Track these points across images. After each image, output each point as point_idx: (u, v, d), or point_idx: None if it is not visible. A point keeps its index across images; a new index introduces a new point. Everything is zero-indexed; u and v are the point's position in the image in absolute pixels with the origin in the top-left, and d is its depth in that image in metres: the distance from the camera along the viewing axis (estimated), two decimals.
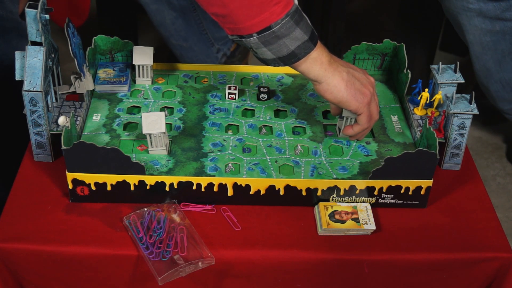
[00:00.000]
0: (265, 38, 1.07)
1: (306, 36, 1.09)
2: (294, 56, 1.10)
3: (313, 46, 1.11)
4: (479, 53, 1.81)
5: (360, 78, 1.17)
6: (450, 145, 1.27)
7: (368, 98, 1.16)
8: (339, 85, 1.15)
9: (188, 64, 1.46)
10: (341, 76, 1.14)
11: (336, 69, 1.14)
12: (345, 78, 1.15)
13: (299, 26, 1.08)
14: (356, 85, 1.15)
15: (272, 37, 1.07)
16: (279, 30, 1.06)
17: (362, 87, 1.16)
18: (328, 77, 1.14)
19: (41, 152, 1.25)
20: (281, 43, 1.08)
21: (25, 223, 1.15)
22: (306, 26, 1.09)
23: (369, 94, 1.17)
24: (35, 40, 1.19)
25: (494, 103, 1.97)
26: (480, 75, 1.88)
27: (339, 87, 1.15)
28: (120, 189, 1.17)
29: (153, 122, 1.19)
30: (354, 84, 1.15)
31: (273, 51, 1.09)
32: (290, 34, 1.07)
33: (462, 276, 1.17)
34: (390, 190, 1.19)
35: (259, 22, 1.05)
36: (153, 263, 1.10)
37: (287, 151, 1.25)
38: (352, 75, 1.16)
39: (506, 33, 1.73)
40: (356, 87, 1.15)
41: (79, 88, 1.30)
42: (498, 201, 2.10)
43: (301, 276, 1.15)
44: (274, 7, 1.04)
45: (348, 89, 1.15)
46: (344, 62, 1.18)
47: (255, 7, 1.04)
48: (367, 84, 1.17)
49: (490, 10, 1.68)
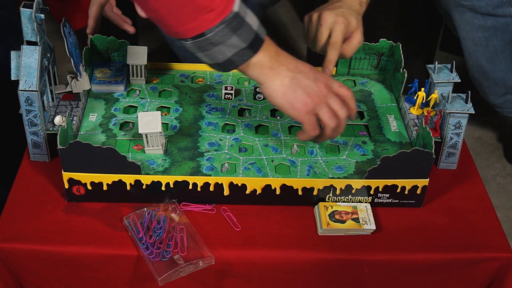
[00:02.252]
0: (199, 44, 1.05)
1: (244, 44, 1.07)
2: (231, 63, 1.09)
3: (253, 53, 1.09)
4: (471, 49, 1.82)
5: (305, 86, 1.13)
6: (446, 144, 1.28)
7: (308, 108, 1.13)
8: (277, 91, 1.13)
9: (184, 64, 1.47)
10: (281, 82, 1.12)
11: (278, 74, 1.12)
12: (286, 85, 1.12)
13: (236, 34, 1.05)
14: (297, 93, 1.12)
15: (207, 44, 1.05)
16: (214, 37, 1.04)
17: (304, 96, 1.12)
18: (267, 81, 1.13)
19: (37, 152, 1.26)
20: (217, 50, 1.06)
21: (25, 223, 1.17)
22: (247, 33, 1.06)
23: (311, 104, 1.13)
24: (30, 39, 1.21)
25: (485, 97, 1.98)
26: (473, 71, 1.90)
27: (277, 93, 1.13)
28: (116, 188, 1.19)
29: (149, 121, 1.20)
30: (295, 92, 1.12)
31: (209, 57, 1.08)
32: (226, 42, 1.05)
33: (462, 276, 1.19)
34: (386, 190, 1.21)
35: (192, 28, 1.03)
36: (153, 263, 1.12)
37: (283, 150, 1.26)
38: (296, 82, 1.12)
39: (497, 29, 1.75)
40: (296, 96, 1.12)
41: (75, 88, 1.31)
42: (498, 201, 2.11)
43: (301, 276, 1.17)
44: (206, 14, 1.02)
45: (286, 96, 1.12)
46: (296, 66, 1.14)
47: (185, 14, 1.02)
48: (313, 94, 1.13)
49: (482, 6, 1.70)
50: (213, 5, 1.01)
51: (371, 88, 1.44)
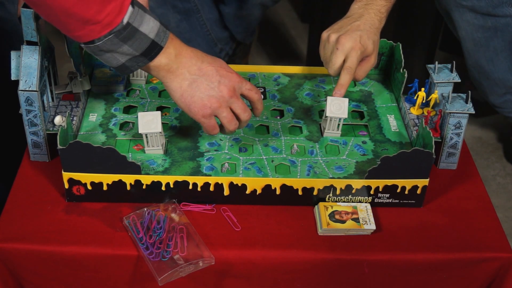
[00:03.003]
0: (91, 49, 1.07)
1: (136, 52, 1.08)
2: (126, 68, 1.11)
3: (148, 60, 1.10)
4: (471, 49, 1.83)
5: (205, 90, 1.15)
6: (446, 144, 1.28)
7: (206, 111, 1.15)
8: (175, 92, 1.15)
9: None
10: (180, 84, 1.14)
11: (177, 77, 1.14)
12: (184, 87, 1.14)
13: (127, 44, 1.07)
14: (194, 97, 1.15)
15: (98, 50, 1.07)
16: (103, 45, 1.06)
17: (202, 100, 1.15)
18: (166, 82, 1.15)
19: (37, 152, 1.27)
20: (109, 56, 1.08)
21: (25, 223, 1.17)
22: (140, 42, 1.08)
23: (209, 109, 1.15)
24: (30, 39, 1.21)
25: (485, 97, 1.99)
26: (473, 71, 1.90)
27: (174, 94, 1.15)
28: (116, 188, 1.19)
29: (149, 121, 1.20)
30: (192, 96, 1.14)
31: (104, 61, 1.10)
32: (117, 50, 1.07)
33: (462, 276, 1.19)
34: (386, 190, 1.21)
35: (82, 35, 1.05)
36: (153, 263, 1.12)
37: (283, 150, 1.26)
38: (196, 85, 1.14)
39: (498, 29, 1.75)
40: (193, 99, 1.15)
41: (75, 88, 1.31)
42: (498, 201, 2.11)
43: (301, 276, 1.17)
44: (92, 26, 1.03)
45: (183, 99, 1.15)
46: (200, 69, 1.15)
47: (70, 24, 1.03)
48: (211, 98, 1.15)
49: (482, 6, 1.70)
50: (97, 18, 1.02)
51: (371, 88, 1.44)
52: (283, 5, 2.89)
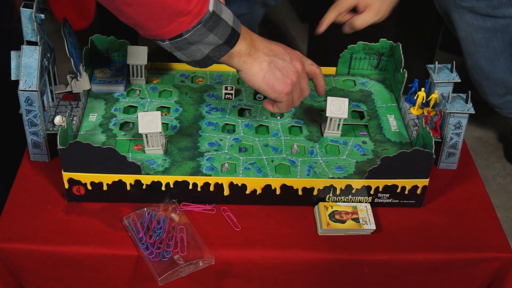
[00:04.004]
0: (177, 44, 1.08)
1: (220, 40, 1.09)
2: (209, 59, 1.12)
3: (229, 48, 1.12)
4: (471, 50, 1.83)
5: (283, 68, 1.18)
6: (446, 144, 1.28)
7: (288, 88, 1.18)
8: (257, 76, 1.17)
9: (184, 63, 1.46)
10: (260, 67, 1.16)
11: (256, 60, 1.16)
12: (264, 69, 1.16)
13: (213, 32, 1.08)
14: (276, 75, 1.17)
15: (184, 43, 1.08)
16: (191, 37, 1.07)
17: (284, 77, 1.18)
18: (246, 68, 1.16)
19: (37, 152, 1.27)
20: (194, 48, 1.09)
21: (25, 223, 1.17)
22: (223, 30, 1.09)
23: (290, 85, 1.18)
24: (30, 39, 1.21)
25: (485, 98, 1.99)
26: (472, 72, 1.90)
27: (256, 78, 1.17)
28: (116, 188, 1.19)
29: (149, 121, 1.21)
30: (274, 75, 1.17)
31: (187, 55, 1.11)
32: (203, 40, 1.08)
33: (462, 276, 1.20)
34: (386, 190, 1.21)
35: (170, 31, 1.06)
36: (153, 263, 1.12)
37: (283, 150, 1.27)
38: (274, 65, 1.17)
39: (497, 30, 1.75)
40: (276, 78, 1.17)
41: (75, 88, 1.31)
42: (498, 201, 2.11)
43: (301, 276, 1.17)
44: (183, 17, 1.04)
45: (266, 80, 1.17)
46: (270, 49, 1.18)
47: (163, 19, 1.04)
48: (291, 74, 1.18)
49: (481, 7, 1.70)
50: (188, 8, 1.03)
51: (371, 88, 1.44)
52: (283, 5, 2.89)
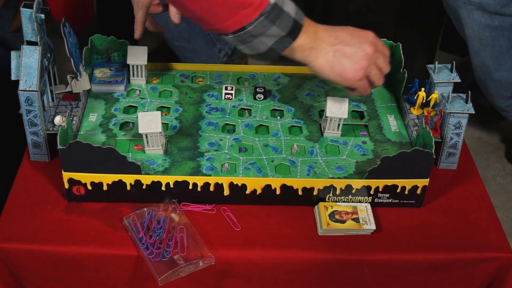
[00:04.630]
0: (240, 37, 1.08)
1: (283, 32, 1.09)
2: (273, 51, 1.12)
3: (292, 40, 1.11)
4: (478, 48, 1.82)
5: (350, 54, 1.15)
6: (446, 144, 1.28)
7: (360, 74, 1.16)
8: (323, 68, 1.15)
9: (185, 64, 1.47)
10: (325, 58, 1.15)
11: (320, 52, 1.14)
12: (330, 60, 1.15)
13: (275, 24, 1.08)
14: (344, 64, 1.15)
15: (248, 36, 1.08)
16: (254, 29, 1.07)
17: (353, 64, 1.15)
18: (312, 61, 1.15)
19: (37, 152, 1.27)
20: (258, 41, 1.09)
21: (25, 223, 1.18)
22: (286, 22, 1.09)
23: (361, 70, 1.16)
24: (30, 39, 1.21)
25: (491, 100, 1.98)
26: (478, 71, 1.90)
27: (324, 70, 1.16)
28: (116, 188, 1.19)
29: (149, 121, 1.21)
30: (341, 64, 1.15)
31: (251, 48, 1.11)
32: (266, 32, 1.08)
33: (462, 276, 1.20)
34: (386, 190, 1.21)
35: (232, 24, 1.06)
36: (153, 264, 1.12)
37: (283, 150, 1.27)
38: (340, 53, 1.15)
39: (504, 28, 1.75)
40: (344, 67, 1.15)
41: (75, 88, 1.31)
42: (498, 201, 2.11)
43: (301, 276, 1.17)
44: (245, 9, 1.05)
45: (334, 70, 1.15)
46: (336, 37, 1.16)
47: (225, 12, 1.05)
48: (360, 60, 1.16)
49: (490, 4, 1.70)
50: (250, 0, 1.04)
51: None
52: None
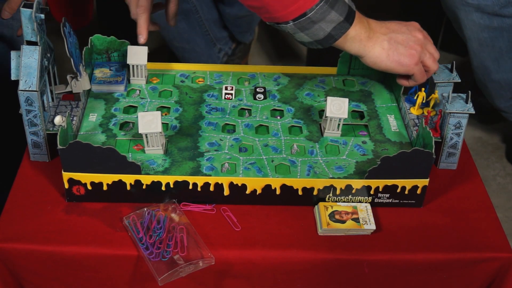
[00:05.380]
0: (301, 24, 1.12)
1: (341, 17, 1.13)
2: (331, 37, 1.15)
3: (349, 25, 1.15)
4: (477, 49, 1.82)
5: (403, 41, 1.20)
6: (446, 144, 1.28)
7: (415, 58, 1.21)
8: (381, 57, 1.20)
9: (185, 64, 1.47)
10: (381, 47, 1.19)
11: (376, 42, 1.19)
12: (386, 48, 1.19)
13: (334, 9, 1.12)
14: (399, 50, 1.20)
15: (308, 23, 1.12)
16: (314, 15, 1.11)
17: (407, 49, 1.20)
18: (369, 51, 1.20)
19: (37, 152, 1.27)
20: (317, 27, 1.13)
21: (25, 223, 1.17)
22: (342, 7, 1.13)
23: (416, 54, 1.21)
24: (30, 39, 1.21)
25: (491, 101, 1.98)
26: (478, 73, 1.89)
27: (381, 58, 1.20)
28: (116, 188, 1.19)
29: (149, 121, 1.21)
30: (397, 50, 1.20)
31: (310, 35, 1.14)
32: (326, 18, 1.12)
33: (462, 276, 1.19)
34: (386, 190, 1.21)
35: (294, 10, 1.10)
36: (153, 264, 1.12)
37: (283, 150, 1.27)
38: (394, 41, 1.20)
39: (504, 30, 1.74)
40: (400, 53, 1.20)
41: (75, 88, 1.31)
42: (498, 201, 2.11)
43: (301, 276, 1.17)
44: None
45: (391, 58, 1.20)
46: (387, 27, 1.21)
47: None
48: (414, 44, 1.21)
49: (488, 5, 1.70)
50: None
51: (371, 88, 1.44)
52: None
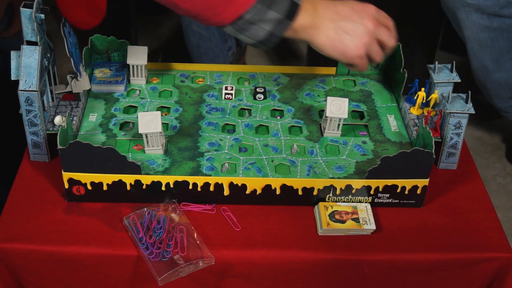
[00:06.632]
0: (238, 27, 1.09)
1: (281, 15, 1.09)
2: (272, 36, 1.12)
3: (290, 21, 1.11)
4: (477, 50, 1.82)
5: (352, 30, 1.15)
6: (446, 144, 1.28)
7: (361, 51, 1.16)
8: (325, 45, 1.16)
9: (185, 63, 1.47)
10: (326, 35, 1.15)
11: (321, 29, 1.14)
12: (332, 37, 1.15)
13: (271, 8, 1.08)
14: (344, 41, 1.15)
15: (246, 24, 1.09)
16: (252, 17, 1.08)
17: (353, 40, 1.15)
18: (313, 39, 1.15)
19: (37, 152, 1.27)
20: (256, 28, 1.10)
21: (25, 223, 1.17)
22: (282, 4, 1.09)
23: (362, 47, 1.16)
24: (30, 39, 1.21)
25: (490, 101, 1.98)
26: (477, 73, 1.89)
27: (325, 46, 1.16)
28: (116, 188, 1.19)
29: (149, 121, 1.21)
30: (341, 41, 1.15)
31: (250, 37, 1.11)
32: (263, 18, 1.09)
33: (462, 276, 1.20)
34: (386, 190, 1.21)
35: (229, 15, 1.07)
36: (153, 264, 1.12)
37: (283, 150, 1.27)
38: (342, 30, 1.15)
39: (504, 30, 1.74)
40: (344, 44, 1.15)
41: (75, 88, 1.31)
42: (498, 201, 2.11)
43: (301, 276, 1.17)
44: None
45: (335, 47, 1.15)
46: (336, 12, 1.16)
47: (220, 4, 1.06)
48: (361, 35, 1.15)
49: (488, 6, 1.70)
50: None
51: (371, 88, 1.44)
52: None
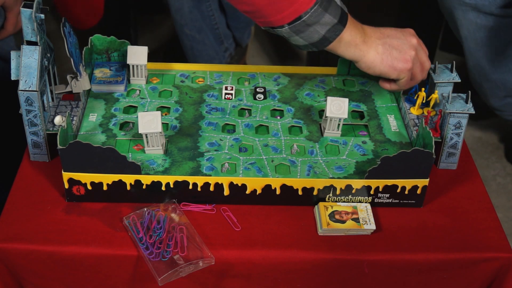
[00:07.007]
0: (296, 28, 1.14)
1: (335, 19, 1.15)
2: (325, 40, 1.17)
3: (343, 27, 1.16)
4: (473, 49, 1.82)
5: (398, 46, 1.22)
6: (446, 144, 1.28)
7: (409, 64, 1.23)
8: (375, 61, 1.22)
9: (185, 64, 1.47)
10: (376, 51, 1.21)
11: (370, 46, 1.21)
12: (380, 52, 1.21)
13: (327, 12, 1.14)
14: (393, 55, 1.22)
15: (303, 26, 1.14)
16: (309, 18, 1.13)
17: (401, 54, 1.22)
18: (363, 56, 1.21)
19: (37, 152, 1.27)
20: (312, 30, 1.15)
21: (25, 223, 1.17)
22: (335, 9, 1.15)
23: (410, 60, 1.22)
24: (30, 39, 1.21)
25: (485, 100, 1.98)
26: (473, 72, 1.90)
27: (375, 63, 1.22)
28: (116, 188, 1.19)
29: (149, 121, 1.21)
30: (391, 55, 1.22)
31: (305, 38, 1.16)
32: (320, 21, 1.14)
33: (462, 276, 1.20)
34: (386, 190, 1.21)
35: (289, 14, 1.12)
36: (153, 264, 1.12)
37: (283, 150, 1.27)
38: (389, 45, 1.21)
39: (500, 29, 1.75)
40: (394, 57, 1.22)
41: (75, 88, 1.31)
42: (498, 201, 2.11)
43: (301, 276, 1.17)
44: None
45: (385, 62, 1.22)
46: (381, 32, 1.23)
47: (282, 2, 1.11)
48: (407, 50, 1.22)
49: (485, 5, 1.70)
50: None
51: (371, 88, 1.44)
52: None
